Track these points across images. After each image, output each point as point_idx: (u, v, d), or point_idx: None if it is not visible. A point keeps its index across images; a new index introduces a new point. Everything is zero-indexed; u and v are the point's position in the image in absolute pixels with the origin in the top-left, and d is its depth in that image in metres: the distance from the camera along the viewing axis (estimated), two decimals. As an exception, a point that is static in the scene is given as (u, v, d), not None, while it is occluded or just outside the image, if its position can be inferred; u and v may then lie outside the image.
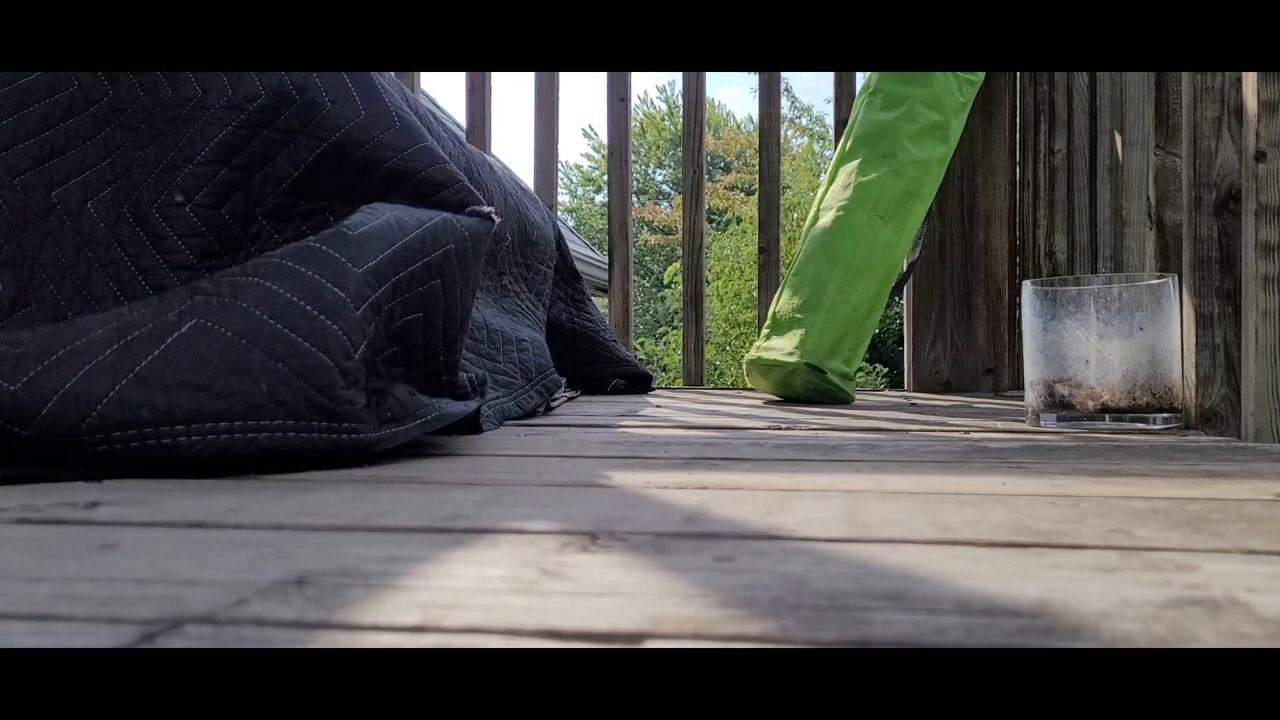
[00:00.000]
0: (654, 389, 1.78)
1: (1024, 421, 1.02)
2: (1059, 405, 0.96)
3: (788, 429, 0.96)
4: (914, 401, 1.49)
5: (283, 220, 0.82)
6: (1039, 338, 0.98)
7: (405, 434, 0.67)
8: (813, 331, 1.41)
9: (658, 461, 0.68)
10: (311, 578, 0.33)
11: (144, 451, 0.58)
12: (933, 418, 1.11)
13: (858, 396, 1.60)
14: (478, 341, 1.12)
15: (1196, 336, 0.95)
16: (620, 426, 1.00)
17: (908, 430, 0.95)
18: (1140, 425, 0.93)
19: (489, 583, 0.32)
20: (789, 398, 1.46)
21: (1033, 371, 0.99)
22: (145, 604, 0.30)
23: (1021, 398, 1.40)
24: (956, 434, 0.91)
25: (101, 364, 0.59)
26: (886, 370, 8.52)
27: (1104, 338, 0.94)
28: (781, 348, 1.43)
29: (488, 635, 0.27)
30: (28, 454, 0.57)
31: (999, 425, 1.00)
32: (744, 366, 1.53)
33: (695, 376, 2.05)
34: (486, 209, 0.83)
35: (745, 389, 1.96)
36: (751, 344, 2.13)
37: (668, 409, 1.28)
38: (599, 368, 1.63)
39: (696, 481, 0.57)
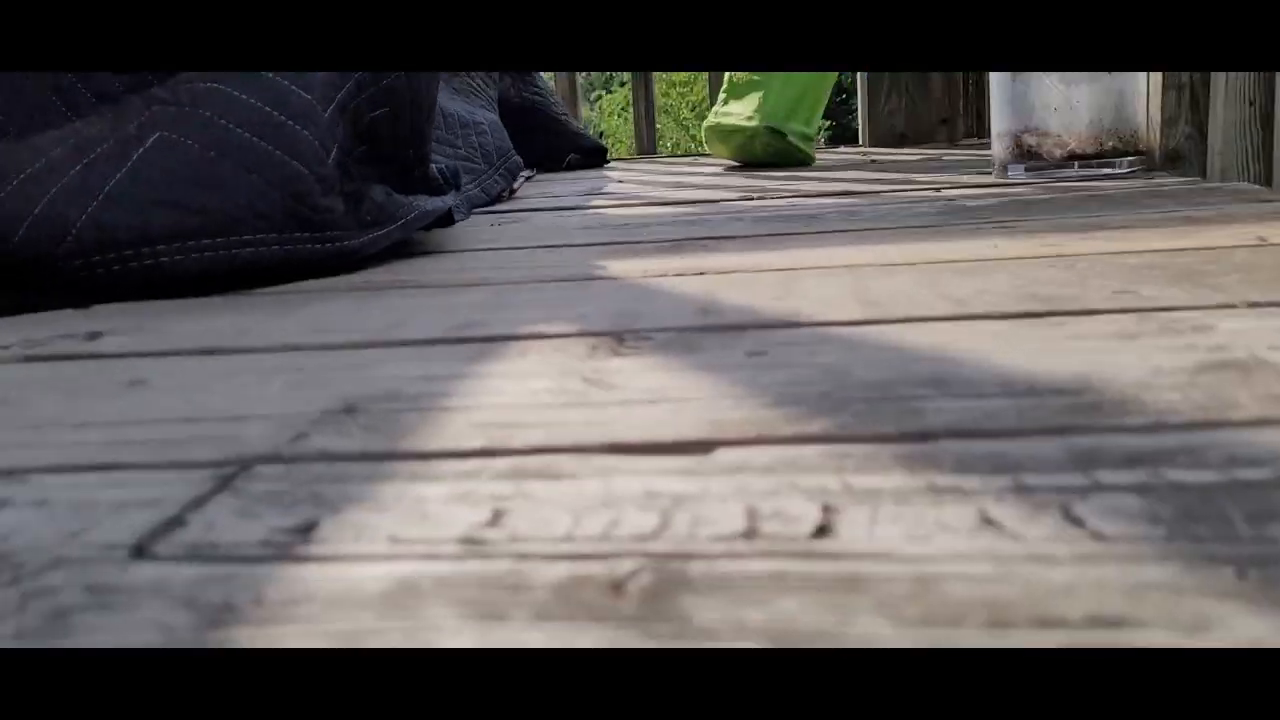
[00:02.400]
0: (609, 161, 1.75)
1: (990, 174, 1.02)
2: (1026, 155, 0.96)
3: (759, 198, 0.96)
4: (873, 158, 1.48)
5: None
6: (1006, 89, 0.97)
7: (387, 237, 0.66)
8: (770, 94, 1.37)
9: (645, 246, 0.68)
10: (359, 404, 0.33)
11: (126, 274, 0.56)
12: (898, 175, 1.11)
13: (816, 156, 1.59)
14: (436, 129, 1.08)
15: (1164, 77, 0.95)
16: (591, 208, 0.99)
17: (879, 192, 0.94)
18: (1106, 170, 0.93)
19: (537, 396, 0.33)
20: (749, 162, 1.45)
21: (999, 123, 0.98)
22: (203, 445, 0.30)
23: (978, 147, 1.40)
24: (928, 191, 0.91)
25: (68, 186, 0.56)
26: (829, 123, 8.40)
27: (1071, 84, 0.93)
28: (740, 112, 1.40)
29: (558, 454, 0.27)
30: (4, 282, 0.56)
31: (966, 180, 1.00)
32: (702, 133, 1.51)
33: (648, 145, 2.01)
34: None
35: (700, 155, 1.93)
36: (690, 107, 2.08)
37: (630, 184, 1.26)
38: (552, 142, 1.59)
39: (692, 266, 0.57)
